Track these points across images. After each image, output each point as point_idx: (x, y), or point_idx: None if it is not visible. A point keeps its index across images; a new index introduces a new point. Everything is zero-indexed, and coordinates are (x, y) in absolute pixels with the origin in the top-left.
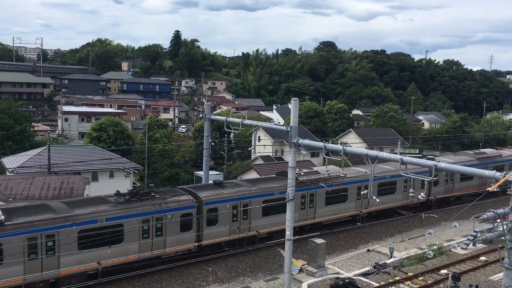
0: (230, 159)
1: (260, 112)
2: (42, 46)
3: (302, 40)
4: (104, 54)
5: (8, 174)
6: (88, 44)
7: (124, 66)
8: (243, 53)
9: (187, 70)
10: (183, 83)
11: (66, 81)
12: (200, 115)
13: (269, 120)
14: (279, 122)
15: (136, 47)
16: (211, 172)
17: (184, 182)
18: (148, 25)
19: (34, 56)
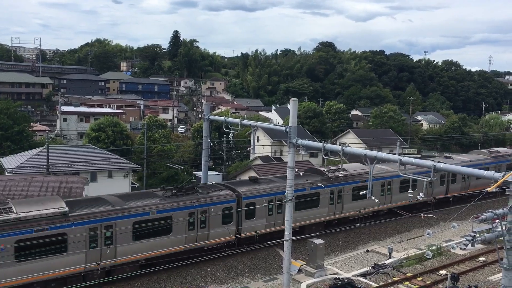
0: (229, 159)
1: (259, 112)
2: (40, 46)
3: (301, 40)
4: (103, 54)
5: (6, 174)
6: (87, 44)
7: (123, 66)
8: (242, 53)
9: (186, 70)
10: (182, 83)
11: (64, 81)
12: (199, 115)
13: (268, 120)
14: (278, 123)
15: (135, 47)
16: (210, 172)
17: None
18: (147, 25)
19: (33, 56)
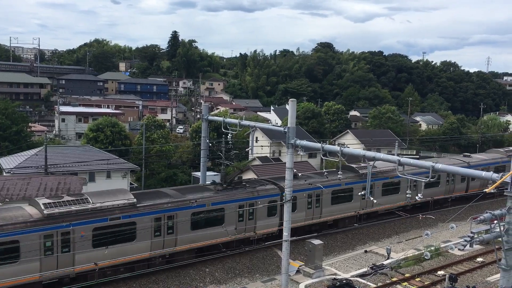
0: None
1: (257, 113)
2: (39, 46)
3: (300, 41)
4: (101, 55)
5: (5, 174)
6: (85, 44)
7: (122, 66)
8: (240, 53)
9: (185, 70)
10: (180, 83)
11: (63, 81)
12: (197, 116)
13: (266, 121)
14: (276, 123)
15: (133, 48)
16: (208, 172)
17: (182, 183)
18: (146, 25)
19: (31, 56)
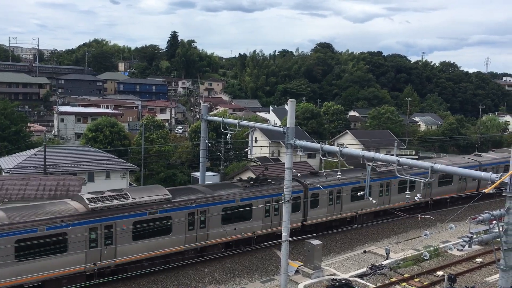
0: (227, 160)
1: (257, 113)
2: (38, 46)
3: (299, 41)
4: (100, 55)
5: (3, 174)
6: (84, 44)
7: (121, 66)
8: (240, 54)
9: (184, 70)
10: (179, 83)
11: (62, 81)
12: (196, 116)
13: (265, 121)
14: (275, 123)
15: (132, 48)
16: (208, 173)
17: (181, 183)
18: (145, 25)
19: (30, 56)
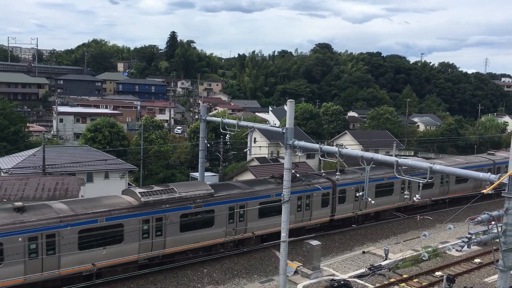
0: (226, 160)
1: (256, 113)
2: (37, 46)
3: (298, 41)
4: (99, 55)
5: (2, 174)
6: (83, 44)
7: (120, 66)
8: (239, 54)
9: (183, 71)
10: (179, 84)
11: (61, 81)
12: (195, 116)
13: (265, 121)
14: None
15: (131, 48)
16: (207, 173)
17: None
18: (144, 26)
19: (29, 56)
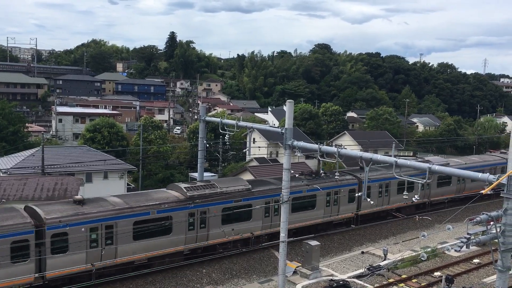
0: (225, 160)
1: (255, 113)
2: (36, 46)
3: (297, 42)
4: (98, 55)
5: (1, 175)
6: (82, 44)
7: (119, 67)
8: (238, 54)
9: (182, 71)
10: (178, 84)
11: (60, 81)
12: (195, 117)
13: (264, 122)
14: (274, 124)
15: (131, 48)
16: (206, 173)
17: None
18: (143, 26)
19: (28, 57)
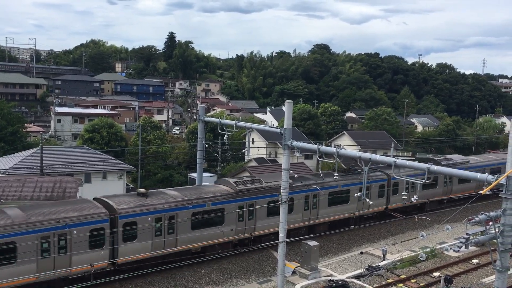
0: (224, 161)
1: (254, 114)
2: (35, 46)
3: (296, 42)
4: (97, 55)
5: (0, 175)
6: (81, 45)
7: (118, 67)
8: (237, 55)
9: (181, 71)
10: (177, 84)
11: (59, 82)
12: (194, 117)
13: (263, 122)
14: (273, 124)
15: (130, 48)
16: (205, 174)
17: (177, 184)
18: (142, 26)
19: (27, 57)
